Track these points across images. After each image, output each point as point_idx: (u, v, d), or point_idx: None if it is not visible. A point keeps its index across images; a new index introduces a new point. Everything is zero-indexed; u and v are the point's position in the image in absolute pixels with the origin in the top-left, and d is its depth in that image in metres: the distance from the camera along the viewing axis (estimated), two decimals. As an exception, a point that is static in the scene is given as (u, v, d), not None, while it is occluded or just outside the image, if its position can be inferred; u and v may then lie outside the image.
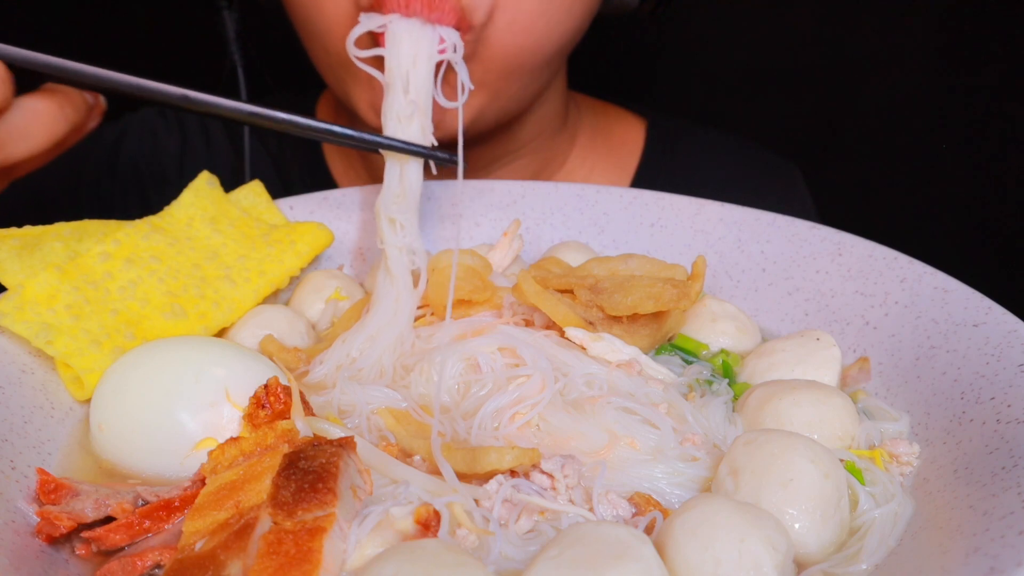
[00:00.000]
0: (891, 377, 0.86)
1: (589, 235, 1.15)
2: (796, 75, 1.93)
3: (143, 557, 0.64)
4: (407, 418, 0.81)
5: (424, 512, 0.64)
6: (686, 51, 1.98)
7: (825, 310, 0.96)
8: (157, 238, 0.95)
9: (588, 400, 0.79)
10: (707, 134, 1.54)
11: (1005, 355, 0.76)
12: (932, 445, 0.76)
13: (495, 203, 1.18)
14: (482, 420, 0.77)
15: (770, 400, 0.78)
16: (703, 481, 0.72)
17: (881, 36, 1.88)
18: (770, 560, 0.58)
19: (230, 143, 1.51)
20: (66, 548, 0.68)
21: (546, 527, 0.67)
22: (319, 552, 0.57)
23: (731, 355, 0.92)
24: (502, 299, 0.93)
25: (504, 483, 0.68)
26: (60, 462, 0.77)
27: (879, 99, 1.92)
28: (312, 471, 0.63)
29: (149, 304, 0.90)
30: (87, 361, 0.82)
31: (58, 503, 0.69)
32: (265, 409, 0.73)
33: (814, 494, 0.64)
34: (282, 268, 1.01)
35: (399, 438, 0.79)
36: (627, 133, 1.52)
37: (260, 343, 0.93)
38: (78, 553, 0.67)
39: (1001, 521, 0.59)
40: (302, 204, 1.14)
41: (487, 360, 0.84)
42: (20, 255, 0.87)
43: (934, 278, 0.88)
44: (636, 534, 0.58)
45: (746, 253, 1.05)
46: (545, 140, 1.41)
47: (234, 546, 0.58)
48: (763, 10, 1.89)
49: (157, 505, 0.68)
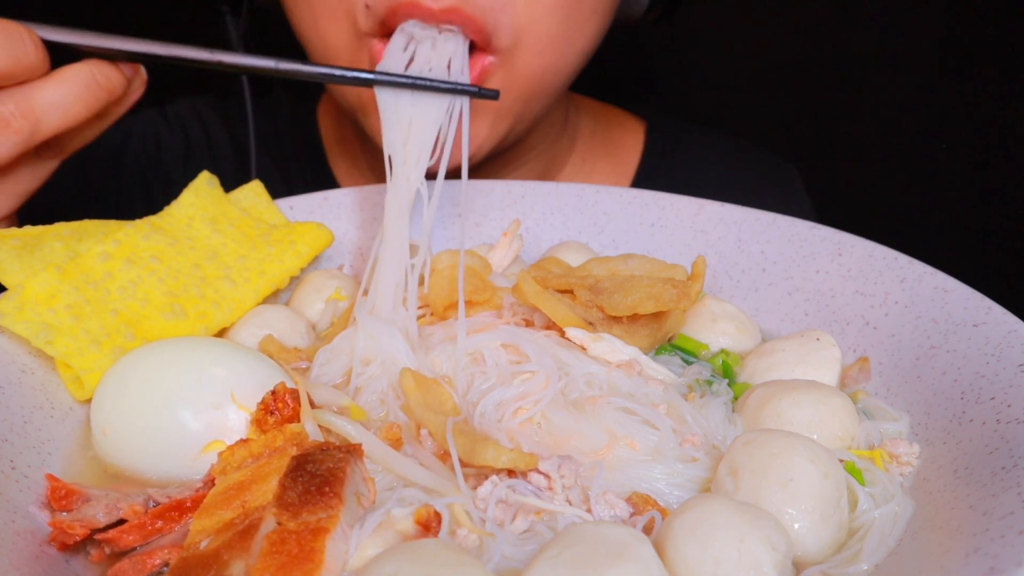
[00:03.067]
0: (891, 377, 0.86)
1: (589, 235, 1.15)
2: (796, 76, 1.94)
3: (152, 555, 0.65)
4: (426, 383, 0.80)
5: (424, 513, 0.64)
6: (686, 52, 1.98)
7: (825, 310, 0.96)
8: (157, 238, 0.95)
9: (588, 400, 0.79)
10: (706, 136, 1.55)
11: (1005, 355, 0.76)
12: (932, 445, 0.76)
13: (495, 203, 1.18)
14: (484, 410, 0.77)
15: (770, 400, 0.78)
16: (702, 481, 0.72)
17: (881, 36, 1.88)
18: (769, 560, 0.58)
19: (232, 144, 1.52)
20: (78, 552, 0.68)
21: (542, 527, 0.67)
22: (321, 552, 0.57)
23: (731, 355, 0.92)
24: (502, 299, 0.93)
25: (499, 483, 0.68)
26: (60, 462, 0.77)
27: (879, 99, 1.92)
28: (319, 474, 0.64)
29: (149, 304, 0.90)
30: (87, 361, 0.82)
31: (69, 509, 0.69)
32: (274, 415, 0.74)
33: (814, 494, 0.64)
34: (282, 268, 1.01)
35: (414, 406, 0.77)
36: (627, 135, 1.52)
37: (260, 343, 0.93)
38: (92, 558, 0.67)
39: (1001, 521, 0.59)
40: (302, 204, 1.14)
41: (491, 354, 0.84)
42: (20, 255, 0.87)
43: (934, 278, 0.88)
44: (635, 534, 0.58)
45: (746, 253, 1.05)
46: (549, 145, 1.41)
47: (238, 545, 0.58)
48: (762, 11, 1.89)
49: (169, 506, 0.68)
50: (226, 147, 1.52)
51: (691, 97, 2.02)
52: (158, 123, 1.52)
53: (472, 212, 1.17)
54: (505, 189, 1.18)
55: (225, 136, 1.52)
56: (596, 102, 1.56)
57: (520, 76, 1.08)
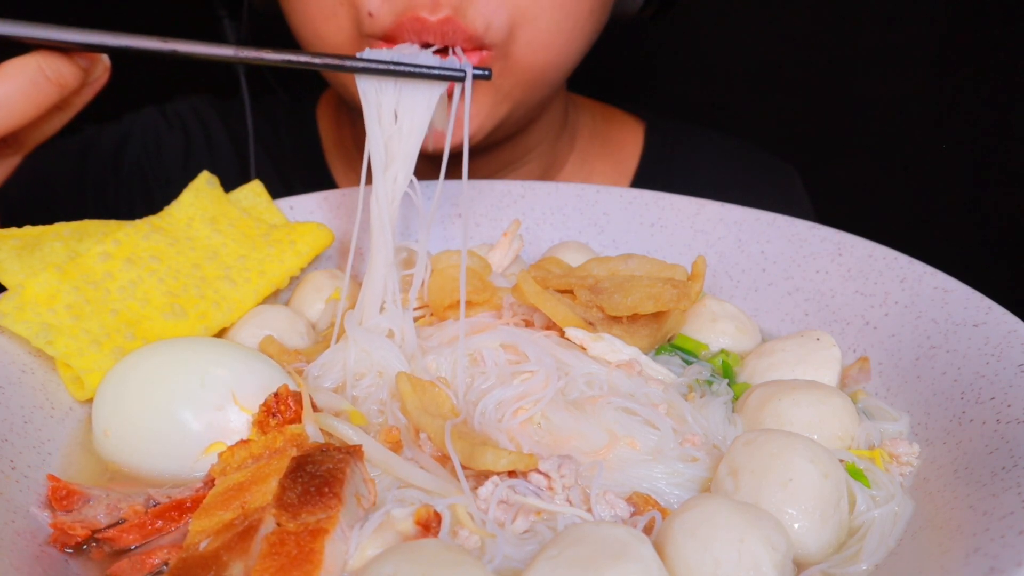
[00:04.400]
0: (891, 377, 0.86)
1: (589, 235, 1.15)
2: (795, 75, 1.94)
3: (152, 555, 0.65)
4: (423, 386, 0.80)
5: (424, 513, 0.64)
6: (685, 52, 1.98)
7: (825, 310, 0.96)
8: (157, 238, 0.95)
9: (588, 400, 0.79)
10: (705, 136, 1.55)
11: (1005, 355, 0.76)
12: (932, 445, 0.76)
13: (495, 203, 1.18)
14: (484, 410, 0.77)
15: (770, 400, 0.78)
16: (703, 481, 0.72)
17: (881, 36, 1.88)
18: (769, 560, 0.58)
19: (232, 143, 1.52)
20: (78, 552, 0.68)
21: (542, 527, 0.67)
22: (320, 553, 0.58)
23: (731, 355, 0.92)
24: (502, 300, 0.93)
25: (500, 484, 0.68)
26: (60, 462, 0.77)
27: (878, 99, 1.92)
28: (319, 475, 0.64)
29: (149, 304, 0.90)
30: (87, 361, 0.82)
31: (70, 509, 0.69)
32: (276, 417, 0.74)
33: (814, 494, 0.64)
34: (282, 268, 1.01)
35: (411, 410, 0.77)
36: (626, 135, 1.52)
37: (260, 344, 0.93)
38: (91, 556, 0.67)
39: (1001, 521, 0.59)
40: (302, 204, 1.14)
41: (491, 355, 0.84)
42: (20, 255, 0.87)
43: (934, 278, 0.88)
44: (635, 534, 0.58)
45: (746, 253, 1.05)
46: (549, 145, 1.42)
47: (237, 546, 0.58)
48: (762, 11, 1.89)
49: (169, 505, 0.69)
50: (226, 147, 1.52)
51: (692, 97, 2.02)
52: (157, 120, 1.52)
53: (472, 212, 1.17)
54: (505, 189, 1.18)
55: (225, 136, 1.52)
56: (595, 102, 1.56)
57: (519, 66, 1.10)
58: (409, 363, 0.86)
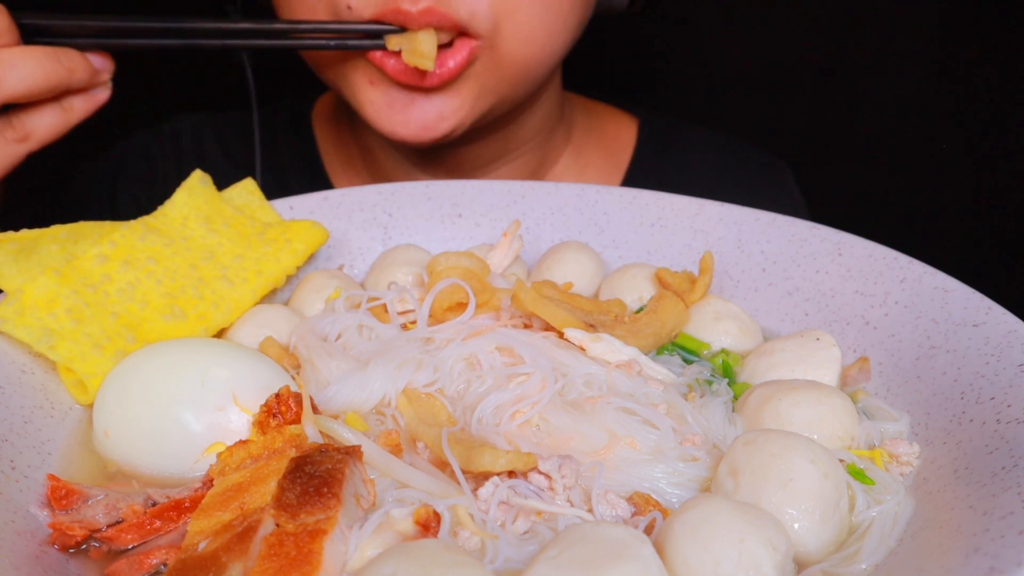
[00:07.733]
0: (891, 377, 0.86)
1: (589, 235, 1.15)
2: (794, 75, 1.94)
3: (150, 555, 0.65)
4: (419, 399, 0.80)
5: (424, 513, 0.64)
6: (682, 50, 1.98)
7: (825, 310, 0.96)
8: (153, 239, 0.94)
9: (588, 400, 0.79)
10: (698, 132, 1.57)
11: (1005, 355, 0.76)
12: (932, 445, 0.76)
13: (495, 203, 1.18)
14: (482, 415, 0.77)
15: (770, 400, 0.78)
16: (703, 481, 0.72)
17: (880, 36, 1.88)
18: (770, 560, 0.58)
19: (225, 156, 1.52)
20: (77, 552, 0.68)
21: (543, 528, 0.67)
22: (319, 554, 0.57)
23: (731, 355, 0.92)
24: (501, 301, 0.93)
25: (500, 484, 0.68)
26: (60, 462, 0.77)
27: (878, 99, 1.92)
28: (318, 476, 0.63)
29: (148, 306, 0.89)
30: (90, 365, 0.82)
31: (69, 508, 0.69)
32: (276, 418, 0.74)
33: (814, 494, 0.64)
34: (279, 267, 1.00)
35: (408, 421, 0.77)
36: (619, 131, 1.54)
37: (260, 344, 0.92)
38: (90, 555, 0.67)
39: (1001, 521, 0.59)
40: (302, 204, 1.13)
41: (487, 358, 0.84)
42: (17, 259, 0.87)
43: (934, 278, 0.88)
44: (635, 534, 0.58)
45: (746, 253, 1.05)
46: (542, 139, 1.44)
47: (236, 547, 0.58)
48: (760, 10, 1.89)
49: (167, 505, 0.69)
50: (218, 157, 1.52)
51: (689, 95, 2.02)
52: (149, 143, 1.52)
53: (472, 212, 1.17)
54: (505, 189, 1.18)
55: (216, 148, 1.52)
56: (589, 99, 1.59)
57: (505, 61, 1.14)
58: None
